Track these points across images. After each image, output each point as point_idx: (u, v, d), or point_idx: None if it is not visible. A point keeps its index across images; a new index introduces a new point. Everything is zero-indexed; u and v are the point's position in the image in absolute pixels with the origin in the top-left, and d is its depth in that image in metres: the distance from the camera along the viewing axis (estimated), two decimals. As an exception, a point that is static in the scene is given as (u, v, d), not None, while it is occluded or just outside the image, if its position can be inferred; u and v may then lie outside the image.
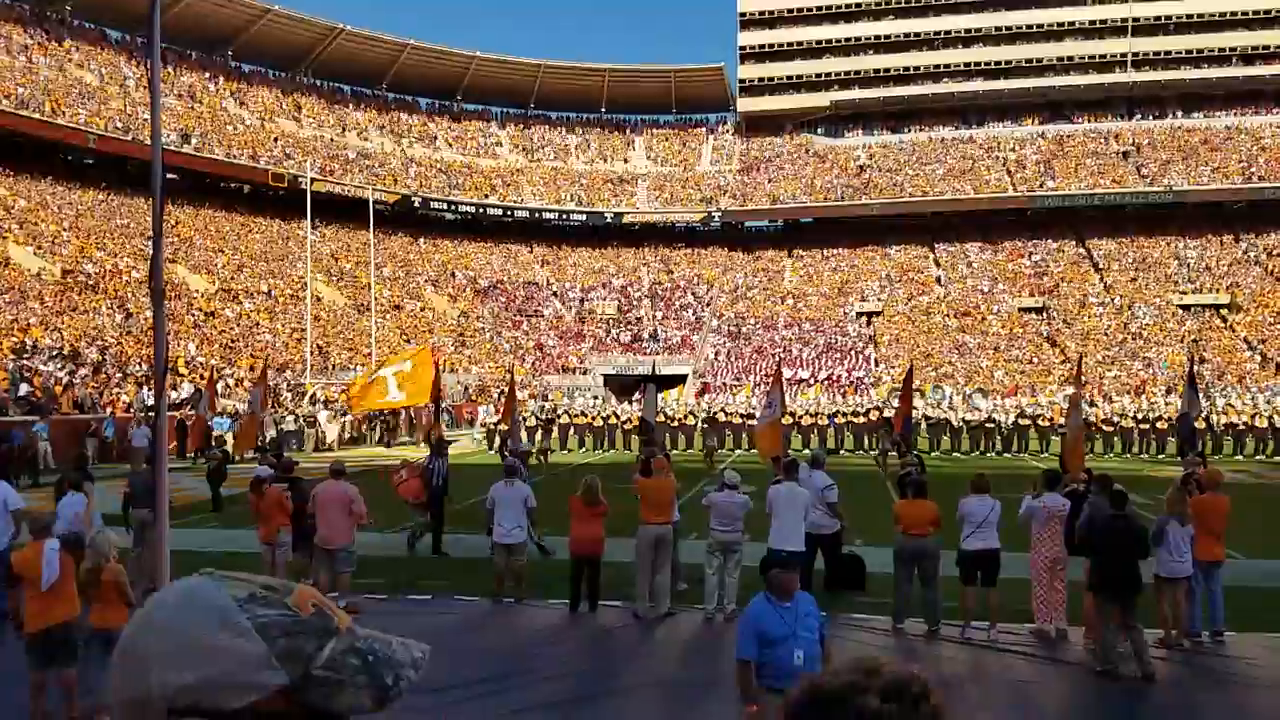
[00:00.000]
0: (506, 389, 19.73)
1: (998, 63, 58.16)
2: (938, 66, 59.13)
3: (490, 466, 18.34)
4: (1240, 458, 24.67)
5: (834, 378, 40.32)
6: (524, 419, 23.99)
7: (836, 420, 28.48)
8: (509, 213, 57.76)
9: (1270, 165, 50.16)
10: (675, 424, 27.93)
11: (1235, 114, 55.35)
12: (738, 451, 26.60)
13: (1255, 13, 54.04)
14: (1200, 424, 20.63)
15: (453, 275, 53.62)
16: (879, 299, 49.59)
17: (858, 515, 12.79)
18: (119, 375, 27.40)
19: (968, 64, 58.76)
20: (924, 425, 26.50)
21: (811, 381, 39.41)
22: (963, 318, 46.57)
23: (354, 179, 52.57)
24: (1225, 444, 25.51)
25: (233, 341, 35.47)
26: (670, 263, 56.83)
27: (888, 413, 25.39)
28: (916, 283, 51.05)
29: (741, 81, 62.48)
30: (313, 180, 42.22)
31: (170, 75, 50.55)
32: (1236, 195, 49.73)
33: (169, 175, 37.11)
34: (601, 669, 7.68)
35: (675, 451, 24.03)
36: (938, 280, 51.24)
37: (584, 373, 44.30)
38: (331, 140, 56.40)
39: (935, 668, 7.78)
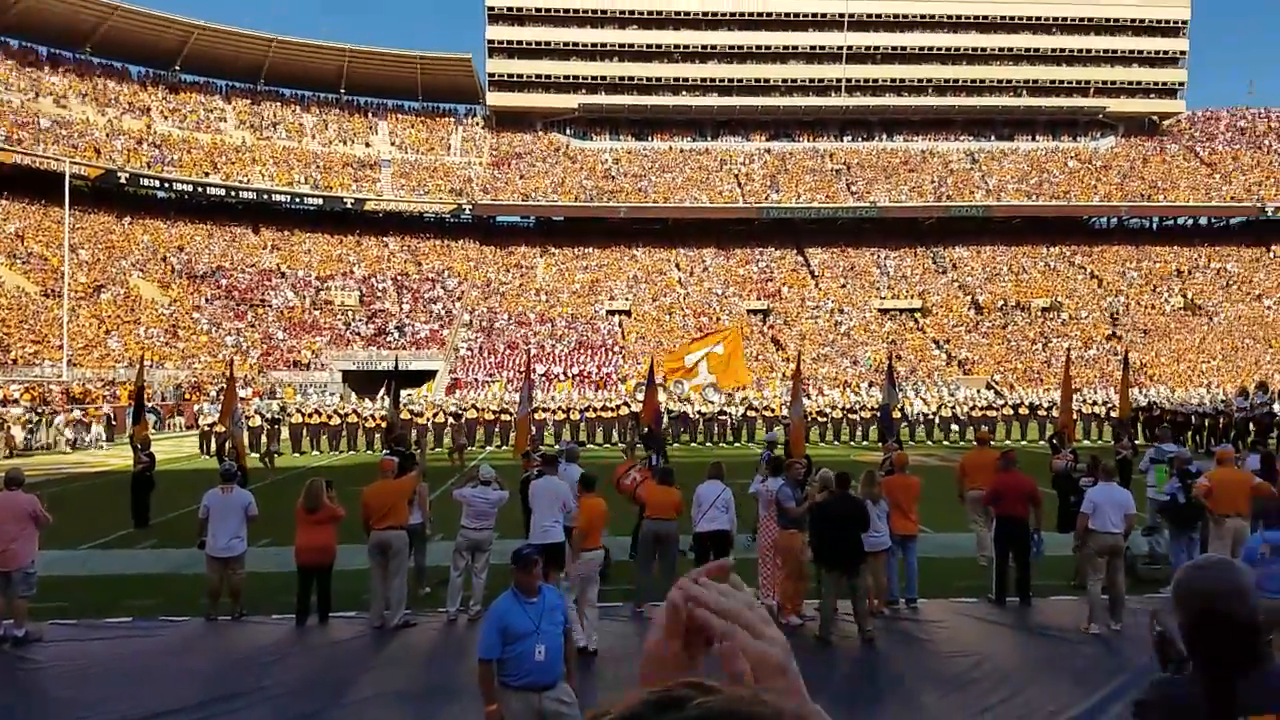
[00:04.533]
0: (226, 386, 18.13)
1: (730, 80, 61.88)
2: (677, 79, 61.93)
3: (207, 472, 16.92)
4: (930, 443, 28.07)
5: (585, 373, 41.06)
6: (247, 419, 22.21)
7: (587, 415, 29.03)
8: (233, 193, 53.25)
9: (957, 186, 57.33)
10: (423, 421, 27.10)
11: (929, 139, 62.72)
12: (488, 449, 26.31)
13: (948, 49, 61.51)
14: (896, 414, 23.11)
15: (164, 259, 48.57)
16: (627, 298, 51.12)
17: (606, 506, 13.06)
18: None
19: (704, 79, 62.02)
20: (665, 419, 27.65)
21: (563, 377, 39.88)
22: (700, 318, 49.13)
23: (48, 149, 46.15)
24: (918, 431, 29.00)
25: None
26: (418, 254, 55.13)
27: (635, 407, 26.25)
28: (660, 284, 53.17)
29: (491, 76, 61.89)
30: (-4, 149, 36.53)
31: None
32: (929, 212, 56.32)
33: None
34: (335, 683, 7.23)
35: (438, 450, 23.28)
36: (679, 282, 53.68)
37: (320, 368, 41.83)
38: (22, 106, 49.17)
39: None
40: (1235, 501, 8.93)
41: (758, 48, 61.48)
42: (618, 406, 29.11)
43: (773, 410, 28.76)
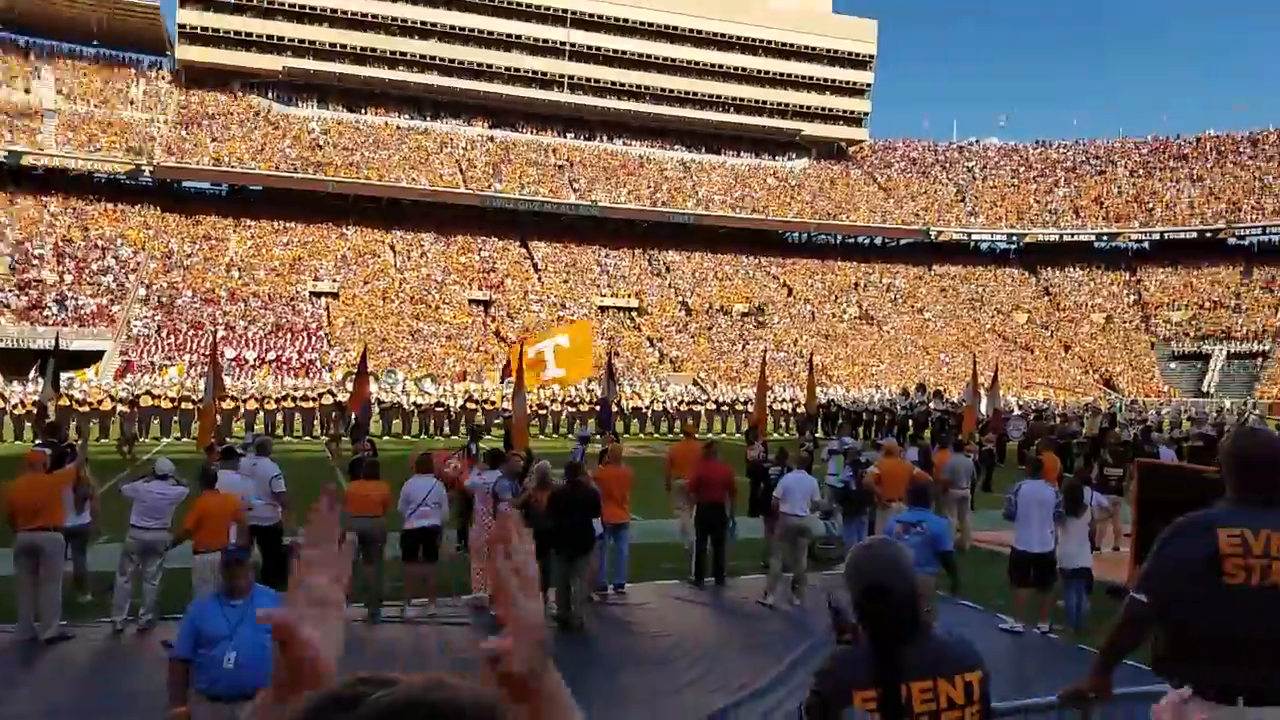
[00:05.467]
0: None
1: (451, 60, 60.51)
2: (394, 53, 59.49)
3: None
4: (643, 435, 29.36)
5: (284, 359, 38.28)
6: None
7: (285, 404, 27.08)
8: None
9: (670, 193, 60.34)
10: (87, 409, 23.86)
11: (647, 145, 65.44)
12: (165, 440, 23.73)
13: (665, 59, 64.39)
14: (615, 408, 23.93)
15: None
16: (334, 279, 48.39)
17: (304, 504, 12.25)
18: None
19: (423, 56, 60.12)
20: (376, 409, 26.56)
21: (259, 363, 36.91)
22: (417, 304, 47.71)
23: None
24: (632, 424, 30.21)
25: None
26: (85, 218, 48.40)
27: (341, 396, 24.91)
28: (373, 267, 50.93)
29: (182, 27, 55.71)
30: None
31: None
32: (645, 215, 58.81)
33: None
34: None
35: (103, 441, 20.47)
36: (395, 266, 51.75)
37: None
38: None
39: (376, 650, 7.75)
40: (899, 488, 10.09)
41: (480, 31, 60.69)
42: (320, 395, 27.46)
43: (493, 403, 28.59)
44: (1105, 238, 61.87)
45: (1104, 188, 64.33)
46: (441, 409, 28.27)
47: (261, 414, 26.26)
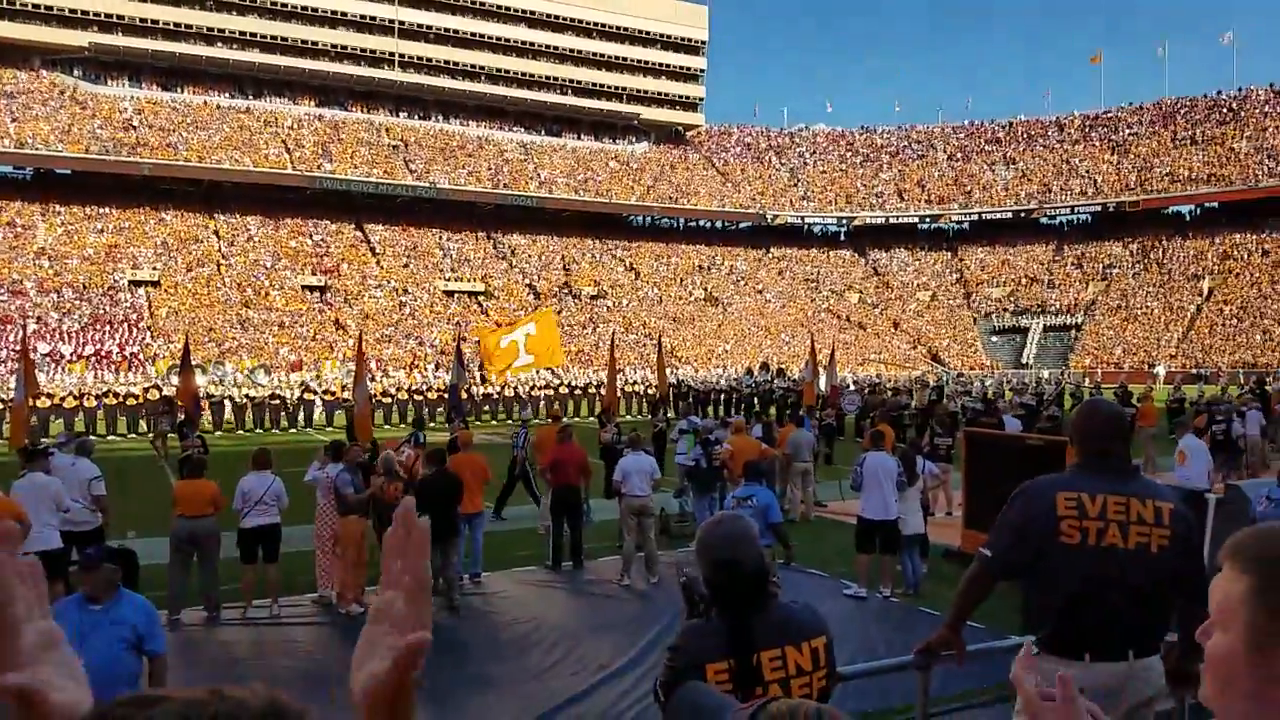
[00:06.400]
0: None
1: (274, 37, 57.29)
2: (212, 29, 55.79)
3: None
4: (495, 422, 28.95)
5: (104, 353, 35.43)
6: None
7: (106, 401, 25.10)
8: None
9: (513, 175, 59.53)
10: None
11: (484, 126, 64.23)
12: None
13: (499, 38, 63.28)
14: (464, 394, 23.52)
15: None
16: (155, 267, 45.08)
17: (133, 505, 11.55)
18: None
19: (244, 33, 56.66)
20: (206, 403, 25.04)
21: (75, 358, 34.06)
22: (245, 291, 45.17)
23: None
24: (484, 412, 29.72)
25: None
26: None
27: (168, 391, 23.31)
28: (197, 253, 47.75)
29: (-28, -4, 50.20)
30: None
31: None
32: (487, 198, 57.80)
33: None
34: None
35: None
36: (219, 252, 48.72)
37: None
38: None
39: (217, 653, 7.38)
40: (747, 463, 10.48)
41: (303, 8, 57.70)
42: (145, 391, 25.62)
43: (333, 393, 27.48)
44: (928, 219, 65.81)
45: (925, 171, 68.33)
46: (277, 401, 26.91)
47: (81, 412, 24.32)
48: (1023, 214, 62.93)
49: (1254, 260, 53.06)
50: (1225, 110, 60.94)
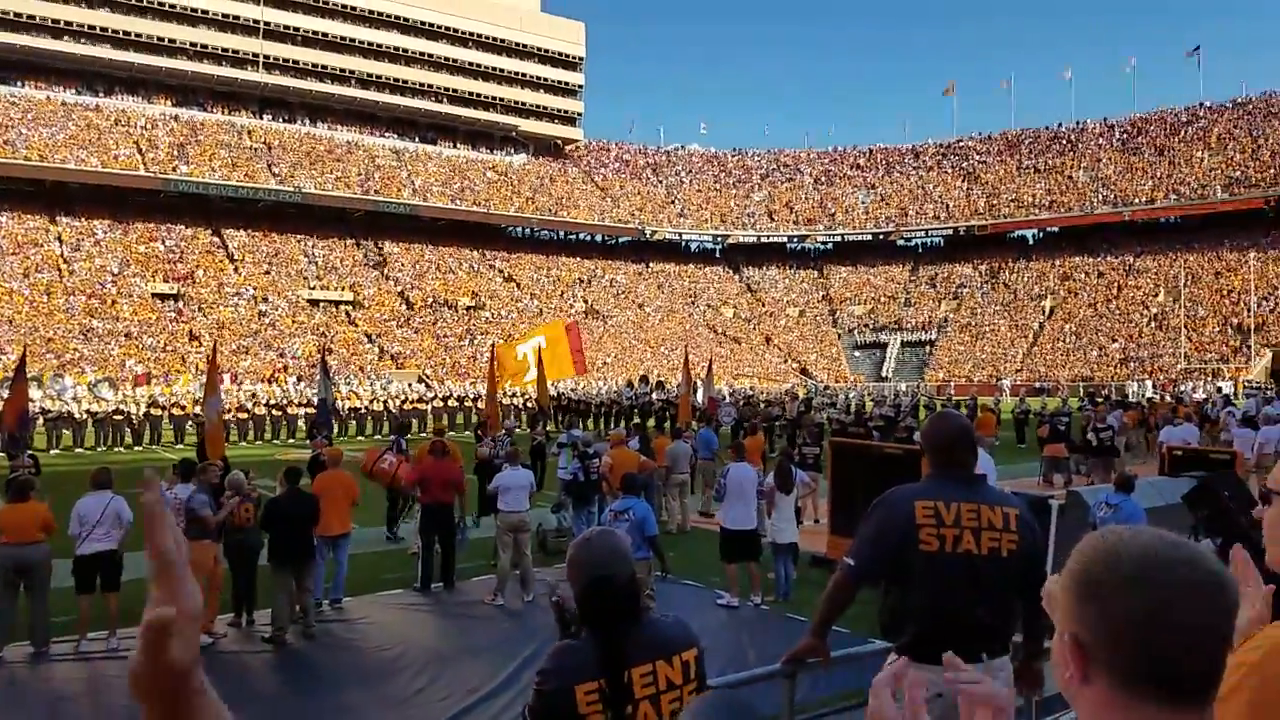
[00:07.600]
0: None
1: (127, 33, 54.11)
2: (58, 21, 52.23)
3: None
4: (361, 438, 27.86)
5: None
6: None
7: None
8: None
9: (385, 181, 57.99)
10: None
11: (354, 131, 62.33)
12: None
13: (370, 43, 61.68)
14: (331, 409, 22.60)
15: None
16: (-14, 273, 41.62)
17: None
18: None
19: (93, 27, 53.28)
20: (42, 419, 23.13)
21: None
22: (91, 299, 42.21)
23: None
24: (350, 425, 28.58)
25: None
26: None
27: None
28: (36, 258, 44.32)
29: None
30: None
31: None
32: (356, 204, 56.04)
33: None
34: None
35: None
36: (61, 257, 45.37)
37: None
38: None
39: (45, 692, 6.77)
40: (626, 476, 10.45)
41: (161, 5, 54.74)
42: (-28, 407, 23.43)
43: (184, 408, 25.90)
44: (796, 239, 68.21)
45: (794, 193, 70.78)
46: (121, 416, 25.09)
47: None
48: (881, 236, 66.08)
49: (1090, 281, 57.28)
50: (1065, 141, 65.72)
